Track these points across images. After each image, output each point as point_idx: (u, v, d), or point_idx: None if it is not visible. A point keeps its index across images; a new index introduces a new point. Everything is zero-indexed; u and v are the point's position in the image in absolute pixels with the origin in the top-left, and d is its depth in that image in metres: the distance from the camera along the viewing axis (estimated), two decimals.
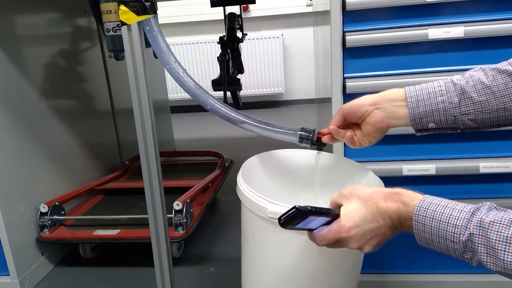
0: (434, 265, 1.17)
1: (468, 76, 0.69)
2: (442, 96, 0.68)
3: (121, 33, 0.94)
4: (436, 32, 0.99)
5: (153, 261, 1.07)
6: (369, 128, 0.74)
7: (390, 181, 1.09)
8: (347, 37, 1.01)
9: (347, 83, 1.04)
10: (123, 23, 0.92)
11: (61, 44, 1.66)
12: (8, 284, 1.34)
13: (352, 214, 0.59)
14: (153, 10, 0.91)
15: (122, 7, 0.90)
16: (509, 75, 0.65)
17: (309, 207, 0.57)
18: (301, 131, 0.83)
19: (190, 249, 1.57)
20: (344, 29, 1.02)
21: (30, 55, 1.45)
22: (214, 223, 1.77)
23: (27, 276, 1.37)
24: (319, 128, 0.83)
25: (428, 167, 1.07)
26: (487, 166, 1.05)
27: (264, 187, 0.87)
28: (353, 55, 1.04)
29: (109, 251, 1.59)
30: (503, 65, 0.67)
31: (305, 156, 0.89)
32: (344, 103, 1.08)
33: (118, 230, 1.44)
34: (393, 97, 0.72)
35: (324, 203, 0.64)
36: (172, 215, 1.38)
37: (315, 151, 0.87)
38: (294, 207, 0.57)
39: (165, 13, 3.20)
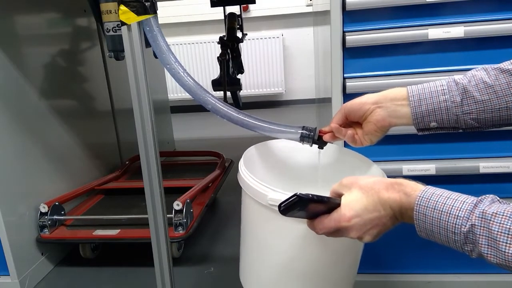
0: (435, 265, 1.17)
1: (470, 75, 0.69)
2: (445, 95, 0.68)
3: (121, 33, 0.94)
4: (436, 32, 0.99)
5: (153, 261, 1.07)
6: (370, 127, 0.74)
7: None
8: (347, 37, 1.01)
9: (347, 83, 1.04)
10: (123, 23, 0.92)
11: (61, 44, 1.66)
12: (8, 284, 1.34)
13: (353, 204, 0.59)
14: (153, 10, 0.91)
15: (122, 7, 0.90)
16: (511, 75, 0.66)
17: (310, 195, 0.57)
18: (302, 130, 0.83)
19: (190, 249, 1.57)
20: (344, 29, 1.02)
21: (30, 55, 1.45)
22: (214, 223, 1.77)
23: (27, 276, 1.37)
24: (319, 127, 0.83)
25: (428, 167, 1.07)
26: (487, 166, 1.04)
27: (265, 176, 0.88)
28: (353, 55, 1.04)
29: (109, 251, 1.59)
30: (506, 64, 0.67)
31: (307, 147, 0.90)
32: (344, 103, 1.08)
33: (118, 230, 1.44)
34: (395, 96, 0.72)
35: (325, 194, 0.64)
36: (172, 215, 1.38)
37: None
38: (295, 194, 0.56)
39: (165, 13, 3.20)
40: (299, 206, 0.57)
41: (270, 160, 0.93)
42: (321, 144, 0.83)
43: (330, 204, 0.60)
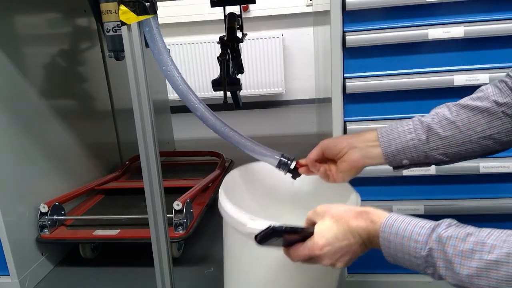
0: None
1: (434, 113, 0.73)
2: (411, 134, 0.72)
3: (121, 33, 0.94)
4: (436, 32, 0.99)
5: (153, 261, 1.07)
6: (345, 166, 0.77)
7: (390, 181, 1.10)
8: (347, 37, 1.01)
9: (347, 83, 1.04)
10: (123, 23, 0.92)
11: (61, 44, 1.66)
12: (8, 284, 1.34)
13: (325, 232, 0.61)
14: (153, 11, 0.91)
15: (122, 7, 0.90)
16: (471, 110, 0.69)
17: (283, 227, 0.60)
18: (281, 157, 0.84)
19: (190, 249, 1.57)
20: (344, 29, 1.02)
21: (30, 55, 1.45)
22: (214, 223, 1.77)
23: (27, 276, 1.38)
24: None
25: (427, 168, 1.06)
26: (487, 166, 1.04)
27: (247, 199, 0.90)
28: (353, 55, 1.04)
29: (109, 251, 1.59)
30: (465, 100, 0.71)
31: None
32: (344, 103, 1.08)
33: (118, 230, 1.44)
34: (367, 138, 0.76)
35: (302, 216, 0.66)
36: (172, 215, 1.38)
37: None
38: (269, 226, 0.59)
39: (165, 13, 3.19)
40: (274, 237, 0.60)
41: (252, 182, 0.94)
42: (295, 174, 0.85)
43: (304, 233, 0.63)
